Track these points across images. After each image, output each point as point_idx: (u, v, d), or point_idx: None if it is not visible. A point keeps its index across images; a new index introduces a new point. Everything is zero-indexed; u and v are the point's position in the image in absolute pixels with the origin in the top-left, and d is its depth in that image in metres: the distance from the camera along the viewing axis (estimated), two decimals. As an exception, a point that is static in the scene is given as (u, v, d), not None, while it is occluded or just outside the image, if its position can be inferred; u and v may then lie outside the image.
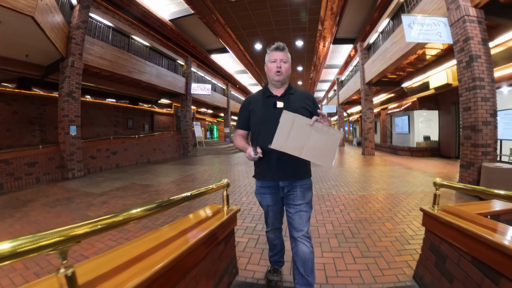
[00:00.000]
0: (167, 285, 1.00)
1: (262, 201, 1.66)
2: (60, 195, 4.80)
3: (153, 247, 1.07)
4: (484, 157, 4.41)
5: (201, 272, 1.30)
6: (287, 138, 1.34)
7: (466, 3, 4.65)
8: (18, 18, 4.70)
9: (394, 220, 2.92)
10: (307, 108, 1.57)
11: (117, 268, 0.90)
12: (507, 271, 1.01)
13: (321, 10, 11.10)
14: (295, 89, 1.65)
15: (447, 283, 1.40)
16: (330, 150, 1.33)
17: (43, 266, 2.12)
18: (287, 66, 1.56)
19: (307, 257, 1.51)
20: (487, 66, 4.54)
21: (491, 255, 1.10)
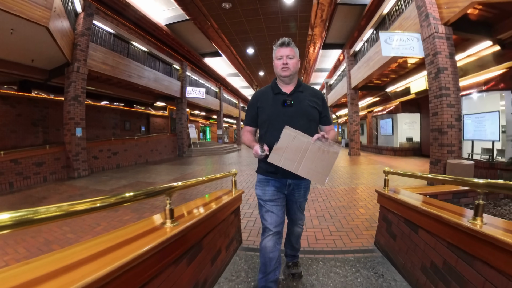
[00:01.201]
0: (208, 228, 1.57)
1: (262, 196, 1.60)
2: (71, 192, 5.23)
3: (204, 204, 1.62)
4: (450, 155, 5.10)
5: (221, 229, 1.88)
6: (284, 153, 1.35)
7: (436, 22, 5.35)
8: (31, 27, 5.08)
9: (367, 207, 3.54)
10: (316, 107, 1.55)
11: (194, 224, 1.43)
12: (422, 224, 1.59)
13: (311, 17, 11.74)
14: (305, 85, 1.61)
15: (393, 240, 1.99)
16: (325, 168, 1.36)
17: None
18: (294, 61, 1.52)
19: (299, 234, 1.84)
20: (452, 77, 5.24)
21: (413, 215, 1.69)
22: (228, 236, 2.03)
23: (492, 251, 1.02)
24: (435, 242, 1.41)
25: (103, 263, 0.83)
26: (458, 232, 1.22)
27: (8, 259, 2.46)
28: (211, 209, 1.61)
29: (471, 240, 1.13)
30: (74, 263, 0.83)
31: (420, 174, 1.80)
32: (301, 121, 1.50)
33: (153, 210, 3.77)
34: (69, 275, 0.76)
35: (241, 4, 10.80)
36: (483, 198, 1.16)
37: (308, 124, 1.52)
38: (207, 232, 1.60)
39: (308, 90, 1.59)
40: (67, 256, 0.88)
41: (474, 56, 6.79)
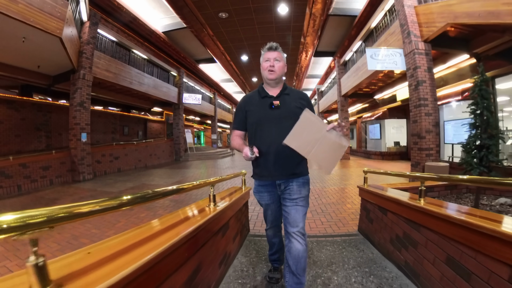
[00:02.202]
0: (231, 213, 2.04)
1: (260, 200, 1.70)
2: (81, 194, 5.58)
3: (227, 195, 2.08)
4: (428, 158, 5.70)
5: (238, 216, 2.35)
6: (300, 137, 1.37)
7: (417, 39, 5.99)
8: (43, 36, 5.36)
9: (353, 203, 4.07)
10: (302, 108, 1.52)
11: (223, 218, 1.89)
12: (389, 207, 2.10)
13: (304, 27, 12.36)
14: (290, 88, 1.66)
15: (370, 224, 2.50)
16: (334, 158, 1.39)
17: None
18: (280, 65, 1.57)
19: (300, 255, 1.48)
20: (430, 88, 5.88)
21: (383, 202, 2.20)
22: (241, 223, 2.51)
23: (433, 220, 1.53)
24: (397, 219, 1.92)
25: (177, 232, 1.28)
26: (410, 209, 1.73)
27: (44, 252, 2.83)
28: (233, 199, 2.08)
29: (418, 214, 1.65)
30: (157, 232, 1.26)
31: (389, 171, 2.33)
32: (289, 122, 1.48)
33: (165, 208, 4.20)
34: (161, 237, 1.21)
35: (237, 14, 11.34)
36: (424, 186, 1.68)
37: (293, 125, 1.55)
38: (230, 216, 2.07)
39: (294, 93, 1.65)
40: (148, 230, 1.32)
41: (453, 67, 7.40)
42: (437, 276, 1.46)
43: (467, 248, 1.26)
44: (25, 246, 2.76)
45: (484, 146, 2.25)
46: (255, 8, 10.89)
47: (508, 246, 1.02)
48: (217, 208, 1.69)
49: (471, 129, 2.39)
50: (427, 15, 5.80)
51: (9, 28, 4.99)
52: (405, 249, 1.81)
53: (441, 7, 5.36)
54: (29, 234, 0.63)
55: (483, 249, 1.16)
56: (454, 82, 7.60)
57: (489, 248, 1.12)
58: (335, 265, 2.01)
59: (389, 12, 7.61)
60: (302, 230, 1.52)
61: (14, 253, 2.71)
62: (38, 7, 4.98)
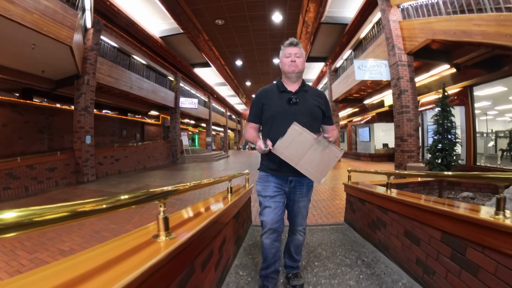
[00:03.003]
0: (241, 204, 2.50)
1: (262, 191, 1.65)
2: (90, 194, 5.93)
3: (237, 189, 2.54)
4: (409, 159, 6.28)
5: (244, 207, 2.81)
6: (288, 147, 1.41)
7: (400, 52, 6.56)
8: (53, 43, 5.63)
9: (341, 199, 4.59)
10: (320, 106, 1.61)
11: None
12: (367, 198, 2.59)
13: (297, 34, 12.92)
14: (309, 86, 1.67)
15: (353, 214, 3.00)
16: (324, 168, 1.42)
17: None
18: (301, 60, 1.59)
19: (300, 243, 1.74)
20: (412, 97, 6.47)
21: (362, 194, 2.69)
22: (247, 214, 2.98)
23: (395, 204, 2.02)
24: (372, 207, 2.42)
25: (215, 210, 1.74)
26: (381, 198, 2.23)
27: (71, 245, 3.19)
28: (241, 193, 2.55)
29: (386, 201, 2.15)
30: (205, 209, 1.73)
31: (367, 170, 2.83)
32: (305, 119, 1.54)
33: (173, 205, 4.61)
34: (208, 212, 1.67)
35: (233, 21, 11.81)
36: (391, 180, 2.19)
37: (311, 122, 1.57)
38: (241, 205, 2.53)
39: (312, 90, 1.67)
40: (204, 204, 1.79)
41: (436, 75, 7.96)
42: (399, 246, 1.96)
43: (417, 222, 1.76)
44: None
45: (444, 149, 2.78)
46: (250, 16, 11.38)
47: (439, 217, 1.52)
48: (233, 199, 2.15)
49: (434, 135, 2.92)
50: (410, 30, 6.38)
51: (21, 36, 5.28)
52: (378, 229, 2.31)
53: (422, 23, 5.94)
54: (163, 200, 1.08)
55: (426, 221, 1.66)
56: (436, 89, 8.14)
57: (429, 220, 1.62)
58: (324, 245, 2.49)
59: (376, 24, 8.21)
60: (302, 227, 1.74)
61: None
62: (50, 17, 5.31)
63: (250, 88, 24.88)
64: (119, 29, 10.48)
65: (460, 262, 1.39)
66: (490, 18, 4.26)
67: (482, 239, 1.25)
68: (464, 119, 7.19)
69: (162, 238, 1.05)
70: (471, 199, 3.22)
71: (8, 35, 5.20)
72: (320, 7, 10.06)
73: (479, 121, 6.95)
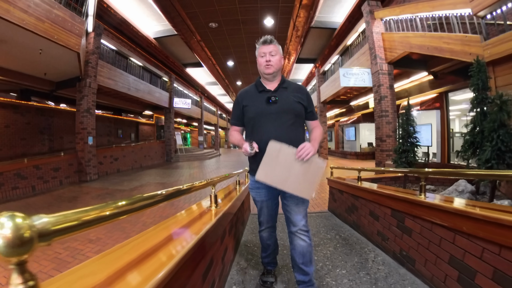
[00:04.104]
0: (244, 196, 3.09)
1: (256, 197, 1.67)
2: (97, 192, 6.34)
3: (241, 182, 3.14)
4: (388, 158, 7.02)
5: (247, 198, 3.40)
6: (272, 169, 1.37)
7: (382, 61, 7.19)
8: (60, 49, 5.92)
9: (326, 193, 5.22)
10: (301, 102, 1.55)
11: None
12: (344, 189, 3.25)
13: (287, 36, 13.48)
14: (289, 82, 1.62)
15: (335, 203, 3.67)
16: (312, 182, 1.38)
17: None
18: (277, 58, 1.54)
19: (305, 250, 1.54)
20: (391, 102, 7.17)
21: (341, 186, 3.35)
22: (248, 203, 3.58)
23: (363, 192, 2.68)
24: (347, 196, 3.09)
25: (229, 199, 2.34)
26: (354, 188, 2.89)
27: (96, 235, 3.68)
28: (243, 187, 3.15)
29: (358, 190, 2.81)
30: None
31: (345, 166, 3.49)
32: (287, 117, 1.51)
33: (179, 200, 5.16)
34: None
35: (226, 25, 12.27)
36: (362, 174, 2.85)
37: (293, 119, 1.54)
38: (245, 196, 3.13)
39: (292, 86, 1.61)
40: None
41: (416, 81, 8.51)
42: (366, 223, 2.63)
43: (378, 204, 2.43)
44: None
45: (406, 150, 3.47)
46: (243, 20, 11.87)
47: (389, 199, 2.19)
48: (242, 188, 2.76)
49: (398, 139, 3.60)
50: (390, 42, 6.95)
51: (30, 42, 5.56)
52: (352, 213, 2.98)
53: (401, 37, 6.51)
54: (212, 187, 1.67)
55: (383, 203, 2.32)
56: (415, 94, 8.75)
57: (384, 201, 2.29)
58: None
59: (362, 33, 8.87)
60: (304, 227, 1.56)
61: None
62: (61, 25, 5.68)
63: (241, 87, 25.41)
64: (117, 31, 10.81)
65: (402, 228, 2.07)
66: (457, 38, 4.81)
67: (413, 211, 1.91)
68: (439, 121, 7.77)
69: (213, 207, 1.65)
70: (433, 191, 3.95)
71: (17, 41, 5.49)
72: (311, 12, 10.70)
73: (460, 121, 7.63)
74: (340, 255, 2.37)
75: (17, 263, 0.40)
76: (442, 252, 1.60)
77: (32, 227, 0.42)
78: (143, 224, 3.90)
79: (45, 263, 2.66)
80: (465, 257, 1.43)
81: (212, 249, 1.45)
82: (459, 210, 1.45)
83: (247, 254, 2.43)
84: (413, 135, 3.48)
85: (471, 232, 1.38)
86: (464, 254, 1.43)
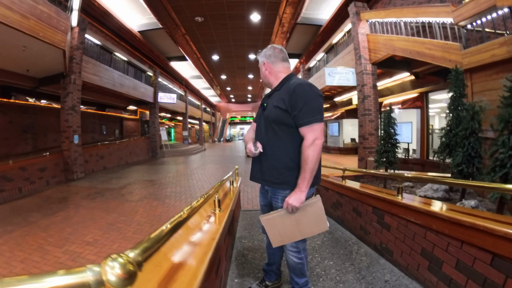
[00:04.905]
0: (239, 194, 3.29)
1: (259, 200, 1.74)
2: (86, 191, 6.26)
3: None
4: (370, 154, 7.43)
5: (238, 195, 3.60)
6: (281, 233, 1.41)
7: (366, 62, 7.49)
8: (44, 46, 5.75)
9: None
10: (280, 106, 1.39)
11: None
12: (329, 186, 3.53)
13: (273, 32, 13.51)
14: (286, 83, 1.47)
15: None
16: (319, 216, 1.41)
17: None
18: (262, 71, 1.58)
19: (294, 266, 1.59)
20: (374, 102, 7.53)
21: (326, 183, 3.62)
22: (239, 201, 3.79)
23: (347, 190, 2.95)
24: (332, 193, 3.37)
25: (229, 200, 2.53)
26: (339, 186, 3.17)
27: (93, 236, 3.80)
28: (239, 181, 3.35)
29: (342, 188, 3.08)
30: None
31: (327, 165, 3.77)
32: (269, 125, 1.46)
33: (170, 197, 5.28)
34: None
35: (213, 19, 12.19)
36: (345, 173, 3.12)
37: (275, 127, 1.44)
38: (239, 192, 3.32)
39: (284, 88, 1.46)
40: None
41: (398, 81, 8.87)
42: (350, 218, 2.92)
43: (360, 202, 2.71)
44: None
45: (387, 150, 3.78)
46: (230, 15, 11.83)
47: (371, 198, 2.46)
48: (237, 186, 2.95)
49: (380, 139, 3.91)
50: (375, 43, 7.21)
51: (13, 39, 5.40)
52: (337, 209, 3.26)
53: (385, 39, 6.77)
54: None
55: (365, 201, 2.60)
56: (398, 93, 9.16)
57: (365, 200, 2.56)
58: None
59: (347, 33, 9.05)
60: (291, 247, 1.55)
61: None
62: (46, 22, 5.52)
63: (226, 81, 25.36)
64: (100, 24, 10.50)
65: (381, 224, 2.35)
66: (438, 44, 5.06)
67: (391, 210, 2.19)
68: (420, 120, 8.18)
69: (217, 211, 1.83)
70: (411, 187, 4.32)
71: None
72: (297, 8, 10.83)
73: (440, 118, 8.03)
74: (327, 248, 2.65)
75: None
76: (416, 245, 1.89)
77: (131, 262, 0.53)
78: (137, 224, 3.97)
79: (47, 268, 2.65)
80: (434, 249, 1.72)
81: (222, 249, 1.65)
82: (430, 211, 1.73)
83: (243, 250, 2.65)
84: (393, 136, 3.79)
85: (439, 230, 1.67)
86: (433, 247, 1.72)
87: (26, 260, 2.83)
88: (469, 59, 4.01)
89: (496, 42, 3.51)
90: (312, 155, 1.32)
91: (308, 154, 1.32)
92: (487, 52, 3.64)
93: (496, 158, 1.83)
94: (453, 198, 2.79)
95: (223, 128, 39.16)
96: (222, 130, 38.88)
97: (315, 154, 1.33)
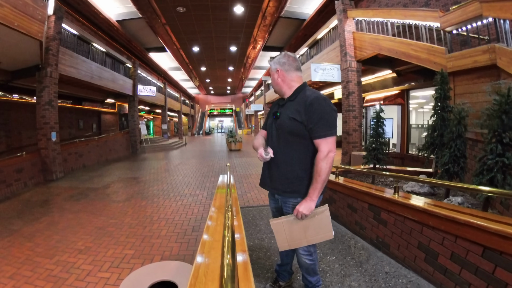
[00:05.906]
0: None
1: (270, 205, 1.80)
2: (68, 192, 5.85)
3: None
4: (354, 149, 7.74)
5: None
6: (289, 238, 1.48)
7: (351, 59, 7.59)
8: (19, 36, 5.32)
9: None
10: (296, 118, 1.41)
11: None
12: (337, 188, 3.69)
13: (256, 24, 13.38)
14: (301, 93, 1.48)
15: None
16: (325, 224, 1.48)
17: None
18: (274, 79, 1.56)
19: (307, 267, 1.66)
20: (358, 98, 7.77)
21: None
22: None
23: (341, 187, 3.12)
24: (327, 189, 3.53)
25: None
26: (332, 183, 3.32)
27: (84, 243, 3.69)
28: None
29: (336, 185, 3.25)
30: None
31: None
32: (283, 135, 1.48)
33: (159, 196, 5.22)
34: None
35: (195, 10, 11.84)
36: (340, 170, 3.29)
37: (289, 138, 1.47)
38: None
39: (299, 98, 1.47)
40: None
41: (380, 78, 9.13)
42: (344, 214, 3.10)
43: (355, 199, 2.88)
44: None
45: (376, 148, 4.01)
46: (212, 5, 11.54)
47: (366, 195, 2.63)
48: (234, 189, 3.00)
49: (370, 137, 4.13)
50: (361, 41, 7.31)
51: None
52: (332, 204, 3.44)
53: (371, 38, 6.88)
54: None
55: (361, 198, 2.77)
56: (379, 89, 9.41)
57: (361, 197, 2.73)
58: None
59: (333, 29, 8.99)
60: (303, 251, 1.61)
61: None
62: (21, 10, 5.10)
63: (205, 73, 24.97)
64: (77, 13, 9.86)
65: (378, 220, 2.53)
66: (424, 47, 5.20)
67: (388, 207, 2.36)
68: (400, 116, 8.49)
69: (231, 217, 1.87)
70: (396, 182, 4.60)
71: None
72: (282, 1, 10.78)
73: (417, 112, 8.42)
74: (326, 243, 2.80)
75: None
76: (412, 239, 2.08)
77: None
78: (129, 226, 3.77)
79: (40, 284, 2.41)
80: (430, 243, 1.91)
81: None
82: (427, 210, 1.91)
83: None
84: (382, 135, 4.01)
85: (435, 226, 1.85)
86: (430, 241, 1.91)
87: (15, 276, 2.56)
88: (453, 63, 4.28)
89: (479, 49, 3.80)
90: (325, 167, 1.38)
91: (322, 166, 1.38)
92: (470, 57, 3.92)
93: (484, 162, 2.04)
94: (437, 193, 3.04)
95: (202, 120, 38.56)
96: (201, 123, 38.30)
97: (328, 167, 1.40)
